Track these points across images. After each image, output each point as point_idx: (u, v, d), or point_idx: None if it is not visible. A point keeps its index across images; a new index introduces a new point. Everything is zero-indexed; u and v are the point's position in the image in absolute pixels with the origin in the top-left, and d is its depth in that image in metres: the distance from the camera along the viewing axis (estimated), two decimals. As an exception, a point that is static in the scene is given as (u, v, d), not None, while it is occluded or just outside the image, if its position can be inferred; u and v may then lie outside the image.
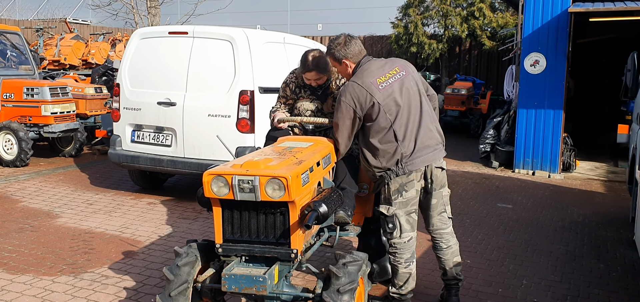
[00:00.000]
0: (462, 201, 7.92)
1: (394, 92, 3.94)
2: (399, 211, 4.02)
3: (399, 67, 4.08)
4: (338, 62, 4.14)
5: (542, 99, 9.99)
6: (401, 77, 4.01)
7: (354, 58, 4.10)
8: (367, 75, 3.95)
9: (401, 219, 4.02)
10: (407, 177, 3.96)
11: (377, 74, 3.97)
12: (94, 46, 14.57)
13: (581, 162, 11.08)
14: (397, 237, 4.04)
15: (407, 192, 3.99)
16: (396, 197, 3.99)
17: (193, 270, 3.48)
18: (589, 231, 6.71)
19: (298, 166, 3.40)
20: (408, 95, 3.99)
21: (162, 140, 7.19)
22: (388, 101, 3.90)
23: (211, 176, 3.26)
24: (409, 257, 4.08)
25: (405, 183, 3.97)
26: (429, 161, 4.01)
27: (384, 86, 3.93)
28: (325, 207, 3.29)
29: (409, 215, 4.05)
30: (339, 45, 4.10)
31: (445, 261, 4.22)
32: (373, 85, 3.90)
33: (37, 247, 5.58)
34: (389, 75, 4.00)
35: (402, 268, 4.08)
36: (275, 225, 3.34)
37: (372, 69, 4.00)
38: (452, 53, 18.76)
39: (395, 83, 3.97)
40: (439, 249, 4.23)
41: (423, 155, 3.97)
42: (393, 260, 4.10)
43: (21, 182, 8.36)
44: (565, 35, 9.70)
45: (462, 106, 14.79)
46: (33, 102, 9.52)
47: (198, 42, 7.04)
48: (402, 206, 4.01)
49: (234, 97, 6.78)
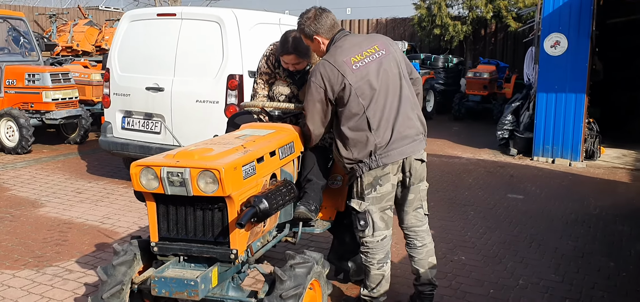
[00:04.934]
0: (470, 191, 7.43)
1: (369, 73, 3.50)
2: (372, 207, 3.60)
3: (379, 45, 3.63)
4: (309, 38, 3.73)
5: (563, 82, 9.35)
6: (379, 57, 3.57)
7: (326, 34, 3.68)
8: (340, 53, 3.53)
9: (374, 215, 3.61)
10: (382, 171, 3.53)
11: (351, 52, 3.54)
12: (108, 32, 14.44)
13: (607, 150, 10.40)
14: (370, 236, 3.64)
15: (382, 186, 3.57)
16: (369, 191, 3.57)
17: (130, 270, 3.17)
18: (603, 225, 6.16)
19: (241, 156, 3.04)
20: (386, 77, 3.54)
21: (151, 127, 6.91)
22: (361, 84, 3.47)
23: (139, 168, 2.93)
24: (383, 258, 3.68)
25: (380, 177, 3.54)
26: (407, 153, 3.58)
27: (359, 66, 3.49)
28: (266, 203, 2.92)
29: (383, 212, 3.64)
30: (308, 20, 3.68)
31: (419, 261, 3.79)
32: (346, 65, 3.48)
33: (10, 239, 5.38)
34: (365, 54, 3.56)
35: (375, 269, 3.68)
36: (213, 222, 2.99)
37: (346, 46, 3.57)
38: (477, 36, 18.06)
39: (371, 63, 3.53)
40: (412, 248, 3.81)
41: (400, 146, 3.54)
42: (365, 260, 3.70)
43: (17, 170, 8.23)
44: (588, 14, 9.04)
45: (484, 90, 14.14)
46: (34, 89, 9.40)
47: (186, 24, 6.72)
48: (375, 201, 3.59)
49: (222, 82, 6.44)
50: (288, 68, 4.16)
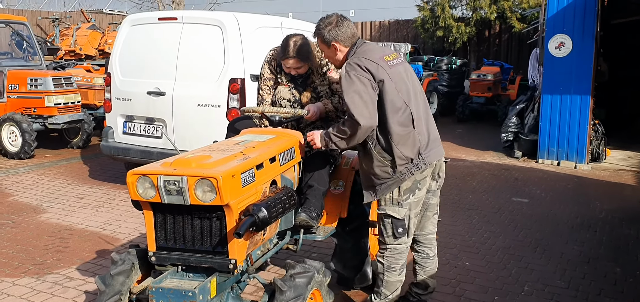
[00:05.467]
0: (474, 194, 7.35)
1: (401, 73, 3.51)
2: (410, 212, 3.52)
3: (397, 54, 3.68)
4: (326, 44, 3.65)
5: (568, 83, 9.27)
6: (402, 62, 3.61)
7: (345, 41, 3.61)
8: (371, 53, 3.50)
9: (411, 221, 3.54)
10: (421, 174, 3.46)
11: (381, 52, 3.55)
12: (111, 36, 14.41)
13: (613, 151, 10.31)
14: (404, 242, 3.56)
15: (420, 190, 3.51)
16: (407, 196, 3.47)
17: (129, 279, 3.13)
18: (610, 228, 6.09)
19: (240, 163, 2.99)
20: (413, 79, 3.59)
21: (152, 131, 6.87)
22: (397, 80, 3.44)
23: (136, 176, 2.88)
24: (404, 263, 3.64)
25: (419, 180, 3.46)
26: (440, 154, 3.59)
27: (392, 64, 3.49)
28: (265, 211, 2.86)
29: (416, 217, 3.59)
30: (330, 25, 3.60)
31: (430, 272, 3.74)
32: (382, 60, 3.45)
33: (11, 246, 5.34)
34: (393, 56, 3.59)
35: (396, 276, 3.60)
36: (211, 232, 2.94)
37: (375, 49, 3.58)
38: (481, 37, 17.99)
39: (399, 65, 3.55)
40: (425, 258, 3.74)
41: (435, 147, 3.54)
42: (387, 267, 3.59)
43: (20, 175, 8.21)
44: (593, 15, 8.96)
45: (488, 92, 14.06)
46: (37, 93, 9.37)
47: (187, 28, 6.68)
48: (413, 206, 3.52)
49: (223, 86, 6.39)
50: (290, 72, 4.12)
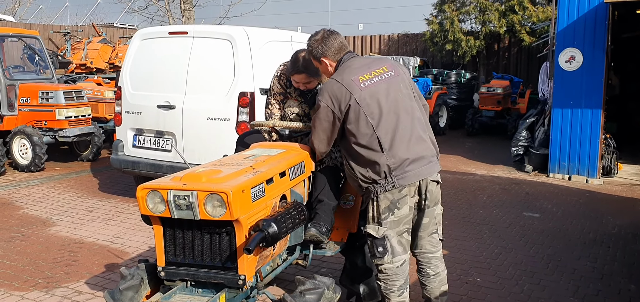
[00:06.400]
0: (485, 209, 7.30)
1: (379, 92, 3.42)
2: (390, 232, 3.45)
3: (388, 67, 3.56)
4: (317, 60, 3.70)
5: (578, 97, 9.21)
6: (388, 78, 3.50)
7: (333, 56, 3.63)
8: (348, 73, 3.47)
9: (392, 240, 3.46)
10: (399, 193, 3.40)
11: (359, 71, 3.48)
12: (122, 49, 14.53)
13: (624, 166, 10.21)
14: (389, 262, 3.47)
15: (400, 209, 3.43)
16: (387, 215, 3.43)
17: (137, 295, 3.11)
18: (623, 244, 6.01)
19: (250, 178, 2.97)
20: (397, 97, 3.46)
21: (162, 145, 6.88)
22: (370, 102, 3.38)
23: (146, 191, 2.87)
24: (402, 284, 3.53)
25: (397, 200, 3.41)
26: (424, 174, 3.46)
27: (367, 84, 3.42)
28: (275, 226, 2.84)
29: (400, 236, 3.50)
30: (316, 42, 3.65)
31: (431, 290, 3.66)
32: (354, 83, 3.41)
33: (20, 259, 5.34)
34: (374, 74, 3.49)
35: (395, 297, 3.51)
36: (221, 247, 2.93)
37: (355, 66, 3.52)
38: (490, 50, 17.94)
39: (380, 83, 3.45)
40: (425, 276, 3.67)
41: (417, 167, 3.42)
42: (384, 288, 3.53)
43: (30, 188, 8.24)
44: (603, 29, 8.91)
45: (497, 106, 14.01)
46: (48, 107, 9.43)
47: (198, 42, 6.70)
48: (393, 225, 3.45)
49: (233, 99, 6.41)
50: (299, 87, 4.12)
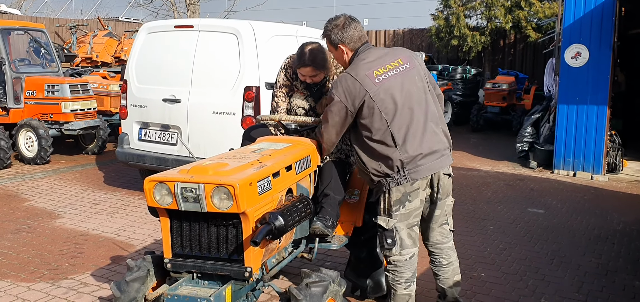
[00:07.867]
0: (489, 205, 7.29)
1: (393, 87, 3.42)
2: (399, 224, 3.47)
3: (403, 59, 3.54)
4: (334, 46, 3.67)
5: (584, 93, 9.19)
6: (403, 70, 3.49)
7: (351, 44, 3.62)
8: (362, 67, 3.46)
9: (402, 233, 3.49)
10: (411, 186, 3.42)
11: (374, 65, 3.47)
12: (127, 43, 14.53)
13: (630, 163, 10.19)
14: (397, 254, 3.50)
15: (411, 202, 3.46)
16: (397, 208, 3.45)
17: (144, 286, 3.13)
18: (628, 241, 6.00)
19: (256, 171, 2.98)
20: (411, 91, 3.46)
21: (167, 138, 6.91)
22: (384, 97, 3.38)
23: (153, 183, 2.89)
24: (410, 277, 3.55)
25: (409, 193, 3.43)
26: (436, 168, 3.47)
27: (381, 79, 3.41)
28: (281, 220, 2.86)
29: (410, 229, 3.52)
30: (336, 27, 3.61)
31: (445, 280, 3.68)
32: (368, 78, 3.40)
33: (27, 250, 5.38)
34: (389, 67, 3.48)
35: (402, 289, 3.54)
36: (227, 239, 2.94)
37: (370, 59, 3.51)
38: (495, 46, 17.89)
39: (395, 77, 3.45)
40: (438, 266, 3.70)
41: (430, 161, 3.44)
42: (391, 279, 3.56)
43: (36, 180, 8.28)
44: (610, 25, 8.88)
45: (503, 102, 13.98)
46: (53, 99, 9.46)
47: (203, 35, 6.72)
48: (403, 218, 3.47)
49: (238, 94, 6.42)
50: (305, 80, 4.11)
